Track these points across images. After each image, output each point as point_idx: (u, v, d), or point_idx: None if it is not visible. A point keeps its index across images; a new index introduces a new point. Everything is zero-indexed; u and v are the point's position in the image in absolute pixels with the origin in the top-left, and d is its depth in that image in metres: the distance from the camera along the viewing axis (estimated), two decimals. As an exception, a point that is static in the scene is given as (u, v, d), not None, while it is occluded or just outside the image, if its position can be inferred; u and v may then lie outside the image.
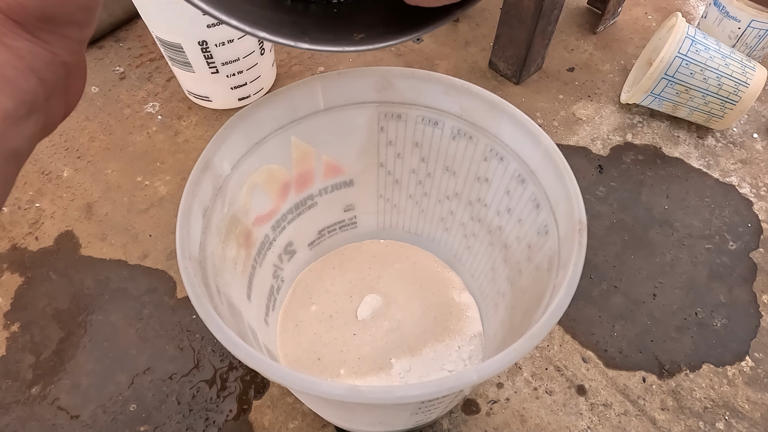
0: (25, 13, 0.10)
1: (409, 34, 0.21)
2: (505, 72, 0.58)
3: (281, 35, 0.19)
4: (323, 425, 0.36)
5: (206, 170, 0.26)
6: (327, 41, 0.20)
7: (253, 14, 0.19)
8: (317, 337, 0.38)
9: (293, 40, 0.19)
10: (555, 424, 0.37)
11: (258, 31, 0.18)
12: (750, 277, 0.44)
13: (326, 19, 0.21)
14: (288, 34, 0.19)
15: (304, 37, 0.19)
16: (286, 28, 0.20)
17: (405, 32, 0.21)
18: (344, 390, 0.19)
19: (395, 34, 0.20)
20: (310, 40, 0.19)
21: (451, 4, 0.20)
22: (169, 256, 0.44)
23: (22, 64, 0.11)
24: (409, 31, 0.21)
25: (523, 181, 0.30)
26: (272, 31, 0.18)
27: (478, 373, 0.20)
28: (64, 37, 0.12)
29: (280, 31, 0.19)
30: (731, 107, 0.50)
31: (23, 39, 0.11)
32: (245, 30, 0.18)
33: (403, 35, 0.20)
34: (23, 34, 0.11)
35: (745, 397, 0.38)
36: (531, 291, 0.29)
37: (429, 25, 0.20)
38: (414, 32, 0.21)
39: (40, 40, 0.11)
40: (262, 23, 0.19)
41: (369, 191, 0.38)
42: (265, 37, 0.18)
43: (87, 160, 0.50)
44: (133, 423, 0.36)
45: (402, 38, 0.20)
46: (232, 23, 0.17)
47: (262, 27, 0.18)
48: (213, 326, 0.21)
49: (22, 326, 0.40)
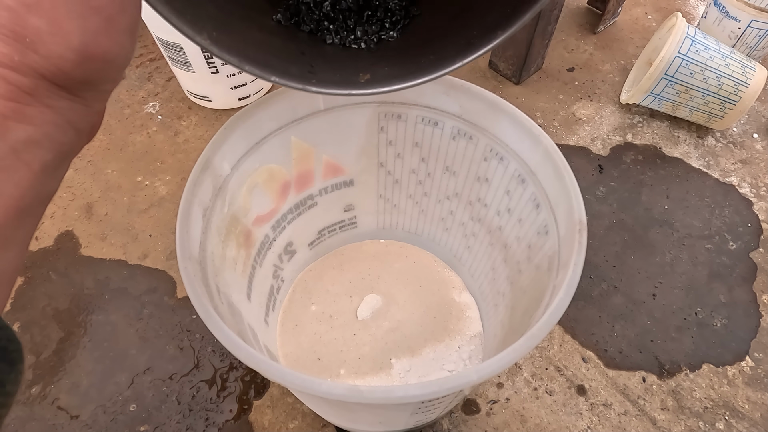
0: (68, 80, 0.12)
1: (420, 78, 0.20)
2: (505, 72, 0.58)
3: (289, 77, 0.19)
4: (323, 425, 0.36)
5: (206, 170, 0.26)
6: (334, 82, 0.20)
7: (263, 45, 0.20)
8: (317, 337, 0.38)
9: (301, 83, 0.19)
10: (555, 424, 0.37)
11: (268, 74, 0.18)
12: (750, 277, 0.44)
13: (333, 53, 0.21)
14: (296, 75, 0.19)
15: (312, 78, 0.19)
16: (294, 65, 0.20)
17: (415, 74, 0.20)
18: (344, 390, 0.19)
19: (402, 77, 0.20)
20: (318, 82, 0.19)
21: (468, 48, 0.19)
22: (169, 256, 0.44)
23: (62, 120, 0.12)
24: (419, 73, 0.20)
25: (523, 181, 0.30)
26: (281, 73, 0.19)
27: (478, 373, 0.20)
28: (100, 92, 0.13)
29: (289, 72, 0.19)
30: (731, 107, 0.50)
31: (64, 99, 0.12)
32: (254, 73, 0.18)
33: (412, 78, 0.20)
34: (65, 95, 0.12)
35: (745, 397, 0.38)
36: (531, 291, 0.29)
37: (441, 68, 0.20)
38: (425, 75, 0.20)
39: (79, 98, 0.12)
40: (272, 61, 0.19)
41: (369, 191, 0.38)
42: (276, 81, 0.19)
43: (87, 160, 0.50)
44: (133, 423, 0.36)
45: (409, 82, 0.20)
46: (240, 65, 0.17)
47: (271, 69, 0.18)
48: (213, 326, 0.21)
49: (22, 326, 0.40)
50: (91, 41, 0.11)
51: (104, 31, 0.12)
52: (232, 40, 0.18)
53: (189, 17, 0.16)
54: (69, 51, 0.11)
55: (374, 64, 0.21)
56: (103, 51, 0.12)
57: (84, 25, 0.11)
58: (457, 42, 0.20)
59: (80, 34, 0.11)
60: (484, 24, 0.20)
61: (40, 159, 0.12)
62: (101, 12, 0.11)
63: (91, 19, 0.11)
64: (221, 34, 0.17)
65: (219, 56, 0.17)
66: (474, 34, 0.20)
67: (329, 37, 0.21)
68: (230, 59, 0.17)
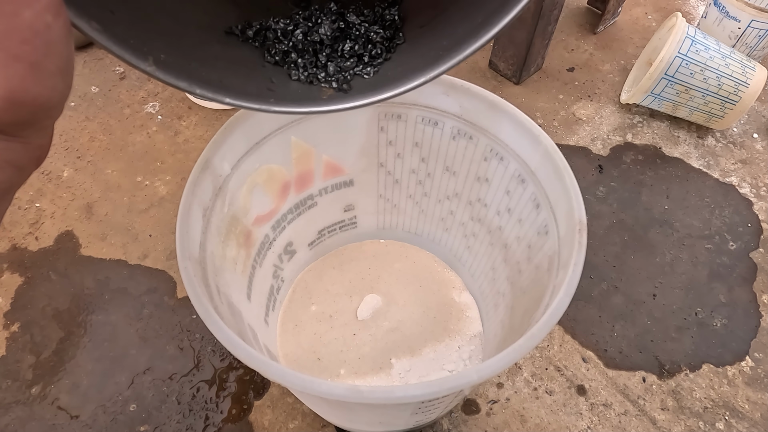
0: (10, 124, 0.11)
1: (386, 92, 0.19)
2: (505, 72, 0.58)
3: (246, 97, 0.17)
4: (323, 425, 0.36)
5: (206, 170, 0.26)
6: (295, 99, 0.18)
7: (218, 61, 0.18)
8: (317, 337, 0.38)
9: (259, 102, 0.18)
10: (555, 424, 0.37)
11: (221, 96, 0.17)
12: (750, 277, 0.44)
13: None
14: (253, 93, 0.18)
15: (270, 96, 0.18)
16: (252, 81, 0.18)
17: (381, 88, 0.19)
18: (344, 390, 0.19)
19: (366, 91, 0.19)
20: (277, 101, 0.18)
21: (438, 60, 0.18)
22: (169, 256, 0.44)
23: (2, 159, 0.12)
24: (387, 87, 0.19)
25: (523, 181, 0.30)
26: (237, 94, 0.17)
27: (478, 373, 0.20)
28: (39, 129, 0.12)
29: (245, 92, 0.18)
30: (731, 107, 0.50)
31: (2, 140, 0.11)
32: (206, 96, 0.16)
33: (378, 92, 0.19)
34: (9, 142, 0.11)
35: (745, 397, 0.38)
36: (531, 291, 0.29)
37: (409, 81, 0.18)
38: (393, 88, 0.19)
39: (16, 137, 0.12)
40: (226, 79, 0.17)
41: (369, 191, 0.38)
42: (231, 103, 0.17)
43: (87, 160, 0.50)
44: (133, 423, 0.36)
45: (374, 97, 0.19)
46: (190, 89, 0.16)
47: (225, 90, 0.17)
48: (213, 326, 0.21)
49: (22, 326, 0.40)
50: (17, 88, 0.11)
51: (30, 77, 0.11)
52: (183, 59, 0.16)
53: (132, 42, 0.15)
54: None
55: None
56: (31, 97, 0.11)
57: (5, 74, 0.11)
58: (427, 54, 0.19)
59: (3, 84, 0.11)
60: (454, 36, 0.18)
61: None
62: (23, 59, 0.11)
63: (14, 68, 0.11)
64: (171, 54, 0.16)
65: (165, 81, 0.16)
66: (444, 46, 0.18)
67: (295, 73, 0.19)
68: (178, 83, 0.16)
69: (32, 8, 0.11)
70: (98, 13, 0.14)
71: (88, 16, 0.14)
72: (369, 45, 0.20)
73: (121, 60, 0.15)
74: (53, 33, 0.11)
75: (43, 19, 0.11)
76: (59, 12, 0.11)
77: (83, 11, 0.13)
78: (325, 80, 0.19)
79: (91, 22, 0.14)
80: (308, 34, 0.19)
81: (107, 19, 0.14)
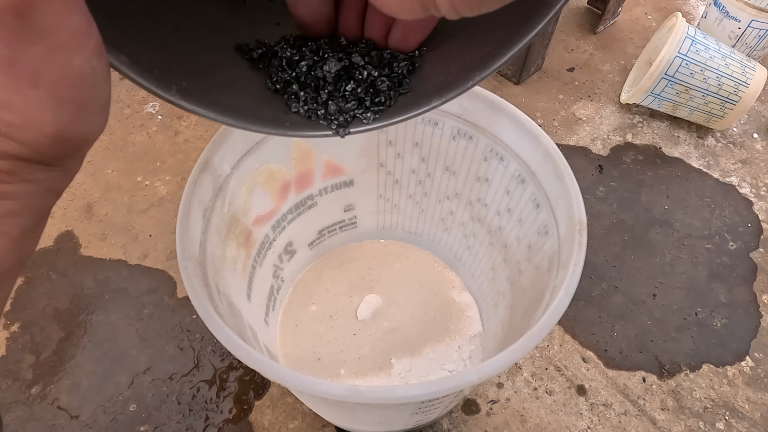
0: (46, 157, 0.12)
1: (399, 116, 0.19)
2: (505, 72, 0.58)
3: (262, 122, 0.18)
4: (323, 425, 0.36)
5: (206, 170, 0.26)
6: (306, 124, 0.19)
7: (236, 85, 0.18)
8: (317, 337, 0.38)
9: (275, 127, 0.18)
10: (555, 424, 0.37)
11: (240, 122, 0.17)
12: (750, 277, 0.44)
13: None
14: (269, 118, 0.18)
15: (285, 121, 0.18)
16: (268, 106, 0.19)
17: (392, 114, 0.19)
18: (344, 390, 0.19)
19: (373, 119, 0.19)
20: (291, 125, 0.18)
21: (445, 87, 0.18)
22: (169, 256, 0.44)
23: (41, 189, 0.13)
24: (397, 112, 0.19)
25: (523, 181, 0.30)
26: (254, 119, 0.18)
27: (478, 373, 0.20)
28: (77, 158, 0.13)
29: (261, 116, 0.18)
30: (731, 107, 0.50)
31: (43, 171, 0.12)
32: (224, 122, 0.17)
33: (387, 118, 0.19)
34: (43, 168, 0.12)
35: (745, 397, 0.38)
36: (531, 291, 0.29)
37: (420, 106, 0.19)
38: (404, 113, 0.19)
39: (57, 167, 0.13)
40: (243, 104, 0.18)
41: (369, 191, 0.38)
42: (248, 128, 0.17)
43: (87, 160, 0.50)
44: (133, 423, 0.36)
45: (384, 122, 0.19)
46: (209, 115, 0.16)
47: (244, 115, 0.17)
48: (213, 326, 0.21)
49: (22, 326, 0.40)
50: (66, 127, 0.12)
51: (77, 117, 0.12)
52: (203, 86, 0.17)
53: (157, 73, 0.15)
54: (44, 138, 0.11)
55: None
56: (77, 134, 0.12)
57: (56, 116, 0.11)
58: (434, 80, 0.19)
59: (54, 124, 0.11)
60: (463, 63, 0.18)
61: (20, 226, 0.12)
62: (73, 102, 0.12)
63: (64, 110, 0.11)
64: (191, 81, 0.16)
65: (188, 109, 0.16)
66: (452, 71, 0.19)
67: (295, 105, 0.19)
68: (200, 110, 0.16)
69: (81, 55, 0.11)
70: (126, 47, 0.14)
71: (118, 51, 0.14)
72: (372, 90, 0.19)
73: (147, 90, 0.15)
74: (98, 75, 0.12)
75: (90, 63, 0.12)
76: (102, 54, 0.12)
77: (114, 46, 0.14)
78: (324, 118, 0.19)
79: (121, 57, 0.14)
80: (313, 68, 0.19)
81: (134, 50, 0.15)
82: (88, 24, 0.11)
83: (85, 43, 0.11)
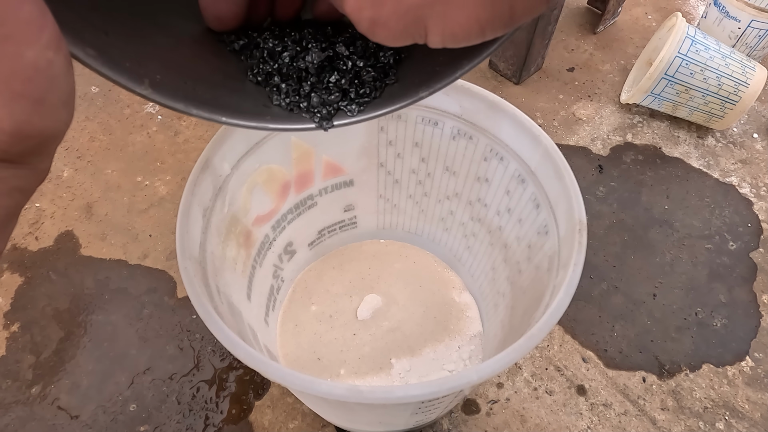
0: (7, 155, 0.11)
1: (378, 110, 0.18)
2: (505, 72, 0.58)
3: (241, 115, 0.17)
4: (323, 425, 0.36)
5: (206, 170, 0.26)
6: (291, 117, 0.18)
7: (214, 75, 0.18)
8: (317, 337, 0.38)
9: (256, 120, 0.17)
10: (555, 424, 0.37)
11: (218, 115, 0.16)
12: (750, 277, 0.44)
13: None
14: (249, 111, 0.17)
15: (266, 113, 0.18)
16: (248, 98, 0.18)
17: (375, 107, 0.18)
18: (344, 390, 0.19)
19: (358, 112, 0.19)
20: (273, 118, 0.18)
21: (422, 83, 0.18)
22: (169, 256, 0.44)
23: (6, 187, 0.12)
24: (382, 104, 0.18)
25: (523, 181, 0.30)
26: (232, 112, 0.17)
27: (478, 373, 0.20)
28: (44, 154, 0.12)
29: (241, 109, 0.17)
30: (731, 107, 0.50)
31: (7, 169, 0.12)
32: (202, 116, 0.16)
33: (371, 111, 0.19)
34: (6, 166, 0.12)
35: (745, 397, 0.38)
36: (531, 291, 0.29)
37: (403, 99, 0.18)
38: (386, 107, 0.18)
39: (22, 164, 0.12)
40: (222, 96, 0.17)
41: (369, 191, 0.38)
42: (227, 122, 0.17)
43: (87, 160, 0.50)
44: (133, 423, 0.36)
45: (367, 115, 0.19)
46: (186, 110, 0.16)
47: (222, 108, 0.17)
48: (213, 326, 0.21)
49: (22, 326, 0.40)
50: (24, 124, 0.11)
51: (35, 112, 0.11)
52: (178, 78, 0.16)
53: (128, 65, 0.14)
54: (1, 134, 0.11)
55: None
56: (37, 130, 0.12)
57: (11, 111, 0.11)
58: (421, 70, 0.18)
59: (9, 120, 0.11)
60: (451, 53, 0.17)
61: None
62: (28, 97, 0.11)
63: (19, 105, 0.11)
64: (166, 74, 0.16)
65: (161, 103, 0.15)
66: (439, 60, 0.18)
67: (276, 98, 0.18)
68: (175, 105, 0.15)
69: (34, 47, 0.11)
70: (93, 38, 0.14)
71: (84, 43, 0.13)
72: (357, 81, 0.19)
73: (117, 84, 0.14)
74: (55, 68, 0.11)
75: (45, 56, 0.11)
76: (60, 46, 0.11)
77: (78, 38, 0.13)
78: (306, 110, 0.18)
79: (87, 49, 0.13)
80: (295, 58, 0.18)
81: (102, 42, 0.14)
82: (41, 14, 0.11)
83: (38, 34, 0.11)
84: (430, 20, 0.13)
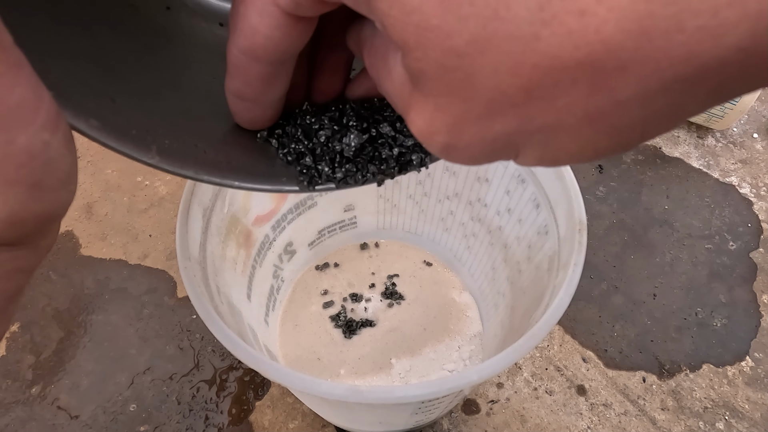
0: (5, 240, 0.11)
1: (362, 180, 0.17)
2: (505, 72, 0.58)
3: (255, 178, 0.16)
4: (323, 425, 0.36)
5: (206, 170, 0.26)
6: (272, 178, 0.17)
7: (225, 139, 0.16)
8: (317, 337, 0.38)
9: (271, 183, 0.16)
10: (555, 424, 0.37)
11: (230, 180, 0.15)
12: (750, 277, 0.44)
13: None
14: (264, 173, 0.16)
15: (281, 176, 0.16)
16: (263, 159, 0.16)
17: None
18: (344, 390, 0.19)
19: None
20: (289, 179, 0.16)
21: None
22: (169, 256, 0.44)
23: (5, 271, 0.11)
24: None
25: (523, 181, 0.30)
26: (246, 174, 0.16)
27: (478, 373, 0.20)
28: (45, 233, 0.12)
29: (255, 172, 0.16)
30: (731, 107, 0.50)
31: (6, 252, 0.11)
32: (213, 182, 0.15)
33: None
34: (6, 249, 0.11)
35: (745, 397, 0.38)
36: (531, 291, 0.29)
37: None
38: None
39: (22, 245, 0.11)
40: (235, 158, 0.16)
41: (369, 191, 0.38)
42: (240, 186, 0.16)
43: (87, 160, 0.50)
44: (133, 423, 0.36)
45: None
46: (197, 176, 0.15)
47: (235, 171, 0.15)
48: (213, 326, 0.21)
49: (22, 326, 0.40)
50: (19, 210, 0.10)
51: (31, 197, 0.10)
52: (188, 140, 0.15)
53: (134, 133, 0.13)
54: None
55: None
56: (34, 214, 0.11)
57: (5, 198, 0.10)
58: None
59: (3, 208, 0.10)
60: None
61: None
62: (23, 182, 0.10)
63: (12, 192, 0.10)
64: (175, 138, 0.14)
65: (170, 172, 0.14)
66: None
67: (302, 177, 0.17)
68: (184, 172, 0.14)
69: (27, 131, 0.10)
70: (96, 108, 0.13)
71: (87, 114, 0.12)
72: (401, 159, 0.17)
73: (122, 155, 0.13)
74: (52, 149, 0.10)
75: (40, 138, 0.10)
76: (57, 125, 0.11)
77: (81, 109, 0.12)
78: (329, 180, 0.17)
79: (90, 120, 0.13)
80: (331, 138, 0.16)
81: (107, 110, 0.13)
82: (35, 96, 0.10)
83: (33, 117, 0.10)
84: (526, 146, 0.12)
